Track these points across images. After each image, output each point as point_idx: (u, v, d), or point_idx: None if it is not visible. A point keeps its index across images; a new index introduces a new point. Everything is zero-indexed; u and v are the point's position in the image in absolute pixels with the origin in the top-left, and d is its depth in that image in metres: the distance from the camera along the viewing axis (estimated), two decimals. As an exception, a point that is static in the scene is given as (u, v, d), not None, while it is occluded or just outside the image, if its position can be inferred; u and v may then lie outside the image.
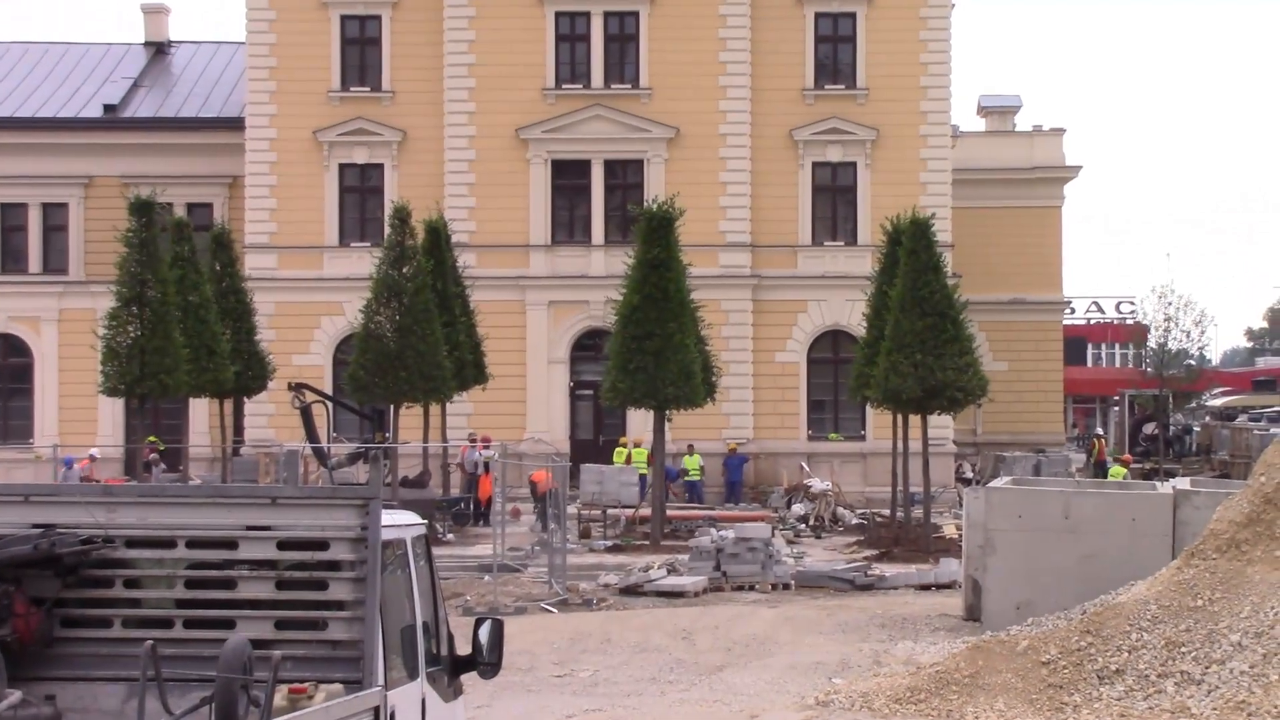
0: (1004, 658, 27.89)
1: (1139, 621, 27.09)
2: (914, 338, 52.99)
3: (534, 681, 29.85)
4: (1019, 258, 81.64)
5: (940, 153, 74.08)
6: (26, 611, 13.88)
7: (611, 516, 57.45)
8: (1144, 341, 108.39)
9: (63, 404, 74.17)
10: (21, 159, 77.72)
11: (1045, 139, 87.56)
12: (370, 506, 14.02)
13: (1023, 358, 79.93)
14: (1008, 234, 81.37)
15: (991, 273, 77.25)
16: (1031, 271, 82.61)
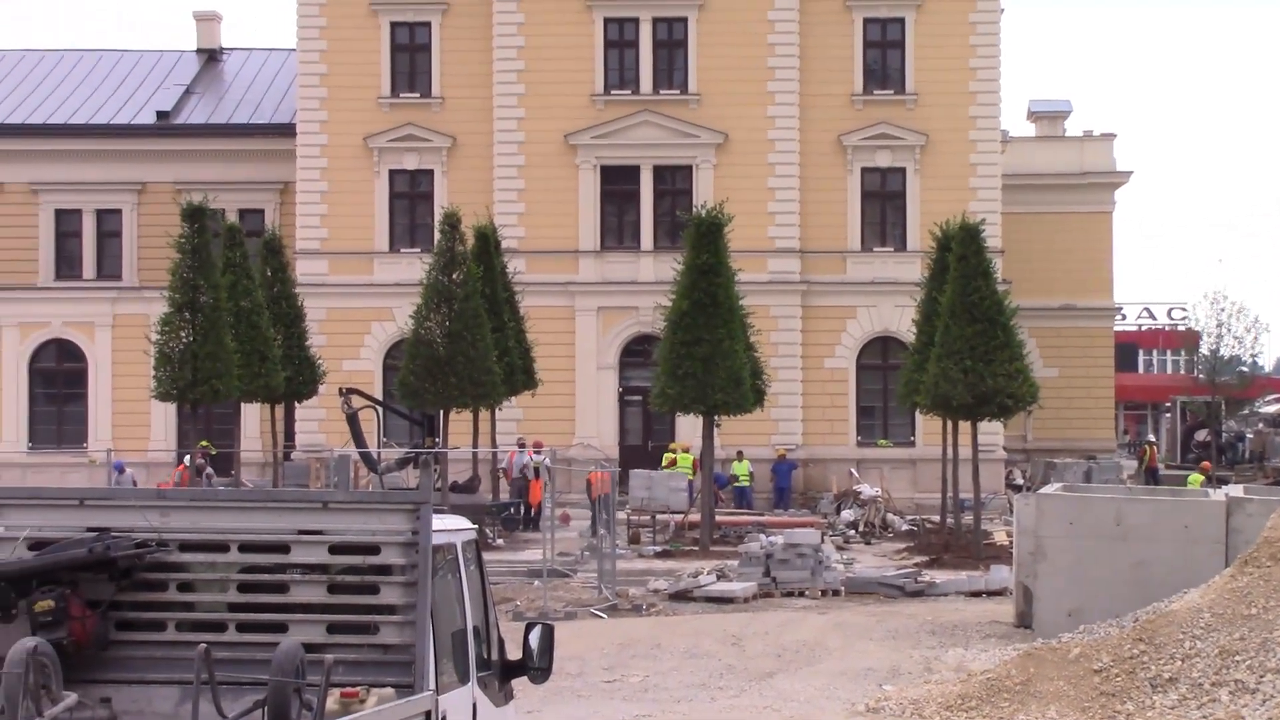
0: (1056, 665, 27.78)
1: (1192, 629, 26.96)
2: (964, 344, 52.89)
3: (584, 687, 29.81)
4: (1070, 263, 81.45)
5: (990, 158, 73.97)
6: (82, 614, 13.93)
7: (661, 522, 57.46)
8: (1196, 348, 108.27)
9: (116, 409, 74.36)
10: (76, 165, 78.12)
11: (1096, 144, 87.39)
12: (421, 511, 14.05)
13: (1073, 364, 79.74)
14: (1058, 239, 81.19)
15: (1042, 279, 77.07)
16: (1082, 277, 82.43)
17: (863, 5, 73.76)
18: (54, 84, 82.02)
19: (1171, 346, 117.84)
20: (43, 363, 76.14)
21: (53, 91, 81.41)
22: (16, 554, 14.25)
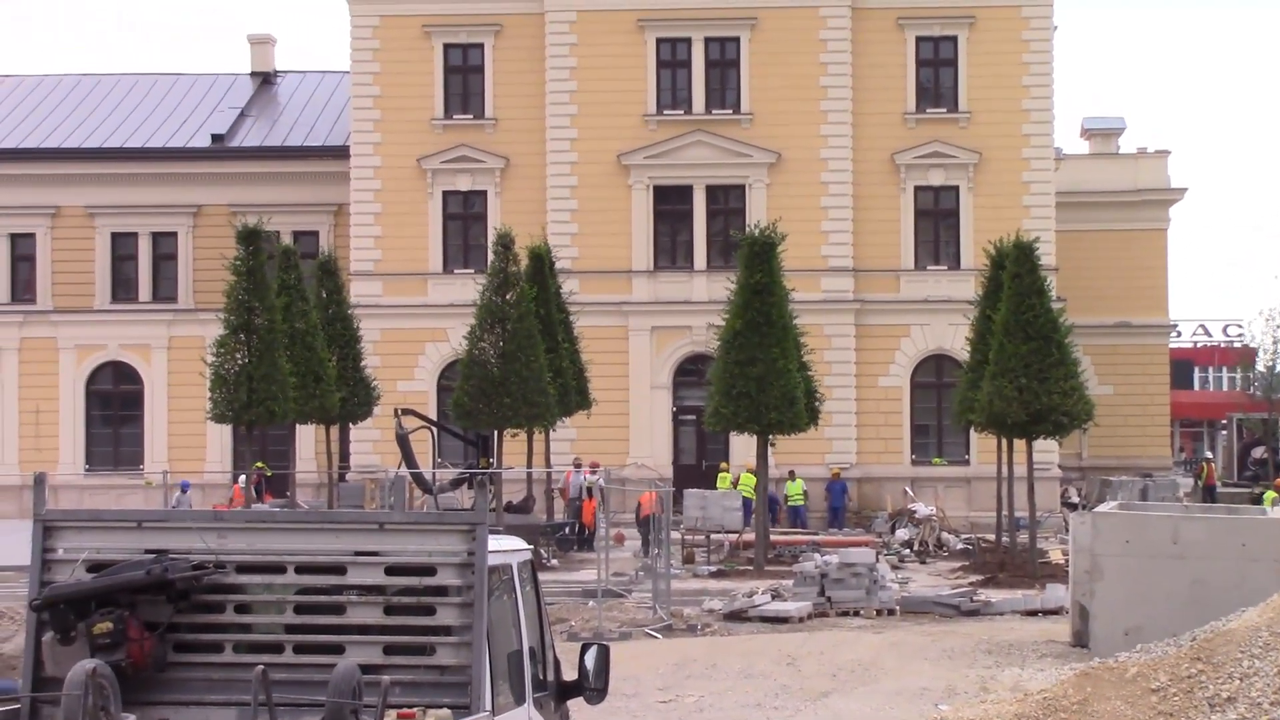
0: (1113, 685, 27.70)
1: (1251, 648, 26.88)
2: (1018, 361, 52.89)
3: (639, 708, 29.82)
4: (1124, 281, 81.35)
5: (1043, 175, 73.92)
6: (140, 637, 14.02)
7: (715, 541, 57.44)
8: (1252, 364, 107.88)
9: (172, 430, 74.68)
10: (131, 189, 78.45)
11: (1150, 161, 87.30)
12: (477, 532, 14.14)
13: (1129, 381, 79.58)
14: (1113, 257, 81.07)
15: (1096, 296, 76.99)
16: (1137, 294, 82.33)
17: (915, 23, 73.80)
18: (109, 108, 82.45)
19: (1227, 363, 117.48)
20: (100, 385, 76.55)
21: (108, 115, 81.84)
22: (75, 576, 14.36)
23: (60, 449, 74.80)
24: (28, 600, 14.61)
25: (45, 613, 14.28)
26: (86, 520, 15.11)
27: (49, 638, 14.28)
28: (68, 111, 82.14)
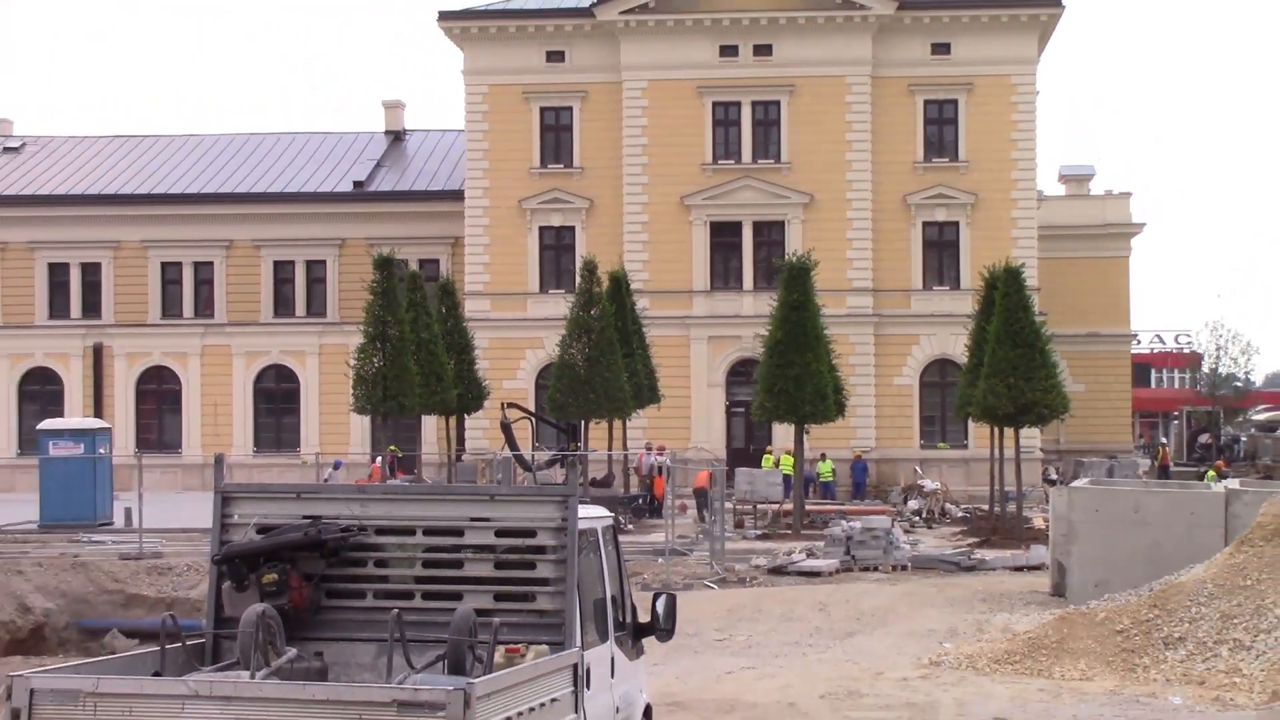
0: (1085, 627, 27.63)
1: (1198, 597, 26.79)
2: (1007, 364, 52.71)
3: (699, 645, 29.83)
4: (1094, 299, 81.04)
5: (1028, 213, 73.62)
6: (299, 585, 14.15)
7: (760, 510, 57.31)
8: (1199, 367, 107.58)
9: (322, 420, 74.87)
10: (289, 225, 78.74)
11: (1115, 201, 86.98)
12: (569, 502, 14.27)
13: (1097, 380, 79.21)
14: (1084, 279, 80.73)
15: (1071, 311, 76.58)
16: (1104, 310, 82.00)
17: (923, 89, 73.56)
18: (272, 160, 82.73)
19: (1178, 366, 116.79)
20: (264, 384, 76.77)
21: (271, 166, 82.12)
22: (247, 537, 14.52)
23: (234, 435, 75.07)
24: (210, 556, 14.76)
25: (224, 566, 14.44)
26: (256, 492, 15.27)
27: (227, 586, 14.42)
28: (239, 163, 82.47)
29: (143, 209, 79.32)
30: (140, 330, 77.78)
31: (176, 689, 11.87)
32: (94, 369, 76.80)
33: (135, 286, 79.44)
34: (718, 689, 24.91)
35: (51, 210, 79.75)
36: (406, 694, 11.46)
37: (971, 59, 73.59)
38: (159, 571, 40.29)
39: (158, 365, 77.00)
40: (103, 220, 79.49)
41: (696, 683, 25.44)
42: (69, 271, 79.86)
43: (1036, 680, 25.40)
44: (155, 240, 79.37)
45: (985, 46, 73.66)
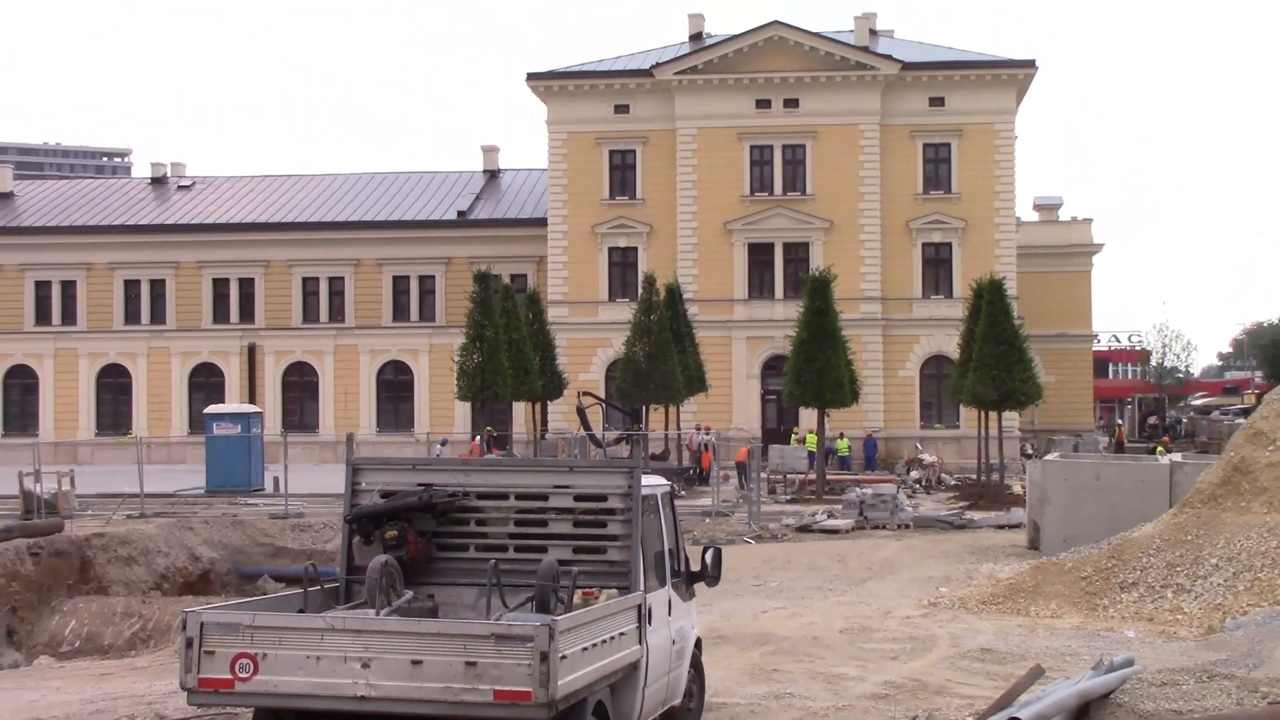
0: (1055, 574, 27.57)
1: (1147, 550, 26.70)
2: (992, 359, 52.69)
3: (739, 589, 29.88)
4: (1062, 306, 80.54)
5: (1008, 235, 73.32)
6: (415, 540, 14.27)
7: (789, 479, 57.26)
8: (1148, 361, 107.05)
9: (431, 406, 75.16)
10: (406, 247, 78.94)
11: (1079, 225, 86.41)
12: (634, 472, 14.35)
13: (1065, 373, 78.64)
14: (1054, 290, 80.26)
15: (1043, 315, 76.10)
16: (1070, 314, 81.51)
17: (922, 134, 73.29)
18: (391, 194, 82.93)
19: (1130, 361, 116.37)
20: (385, 376, 77.12)
21: (391, 198, 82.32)
22: (372, 500, 14.63)
23: (360, 417, 75.42)
24: (343, 516, 14.88)
25: (354, 524, 14.58)
26: (379, 464, 15.41)
27: (356, 540, 14.56)
28: (365, 196, 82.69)
29: (287, 234, 79.70)
30: (285, 333, 78.25)
31: (316, 623, 12.03)
32: (248, 364, 77.37)
33: (281, 297, 79.88)
34: (755, 625, 24.98)
35: (216, 236, 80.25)
36: (502, 628, 11.59)
37: (961, 110, 73.32)
38: (301, 528, 40.63)
39: (299, 361, 77.52)
40: (256, 244, 79.91)
41: (737, 620, 25.51)
42: (229, 285, 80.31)
43: (1016, 618, 25.38)
44: (297, 259, 79.74)
45: (973, 100, 73.37)
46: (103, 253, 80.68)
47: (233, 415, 57.16)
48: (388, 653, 11.51)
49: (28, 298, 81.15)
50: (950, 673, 19.94)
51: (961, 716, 13.78)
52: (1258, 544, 25.05)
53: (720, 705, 16.88)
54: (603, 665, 12.45)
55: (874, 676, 19.74)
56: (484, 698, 11.26)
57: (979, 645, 22.23)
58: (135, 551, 35.79)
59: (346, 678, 11.53)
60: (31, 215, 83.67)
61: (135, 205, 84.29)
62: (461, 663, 11.32)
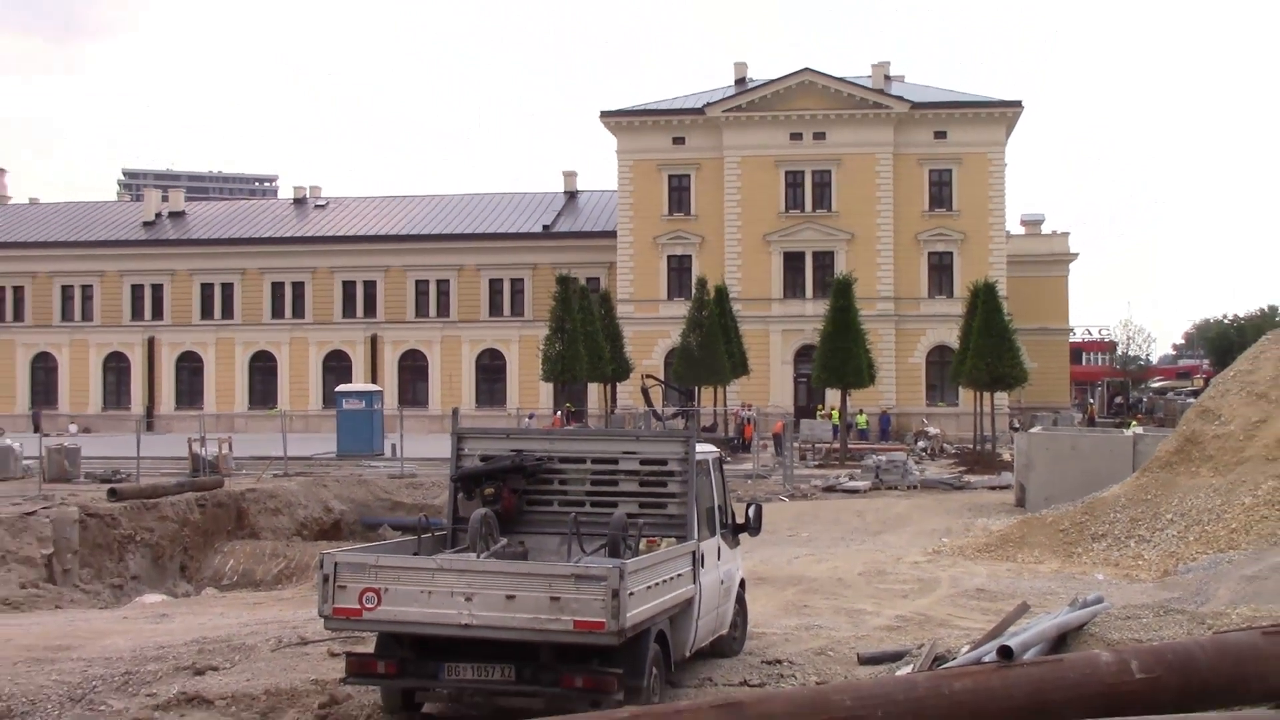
0: (1038, 527, 27.42)
1: (1114, 507, 26.52)
2: (986, 349, 52.61)
3: (775, 539, 29.85)
4: (1044, 304, 79.90)
5: (999, 246, 72.88)
6: (509, 496, 14.31)
7: (817, 448, 57.18)
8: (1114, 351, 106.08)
9: (520, 386, 75.46)
10: (500, 255, 79.24)
11: (1059, 238, 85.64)
12: (689, 441, 14.35)
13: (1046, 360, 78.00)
14: (1037, 291, 79.59)
15: (1029, 313, 75.45)
16: (1051, 312, 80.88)
17: (928, 161, 72.90)
18: (488, 211, 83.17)
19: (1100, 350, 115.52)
20: (482, 361, 77.56)
21: (488, 215, 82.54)
22: (473, 463, 14.68)
23: (462, 395, 75.83)
24: (449, 476, 14.97)
25: (458, 483, 14.64)
26: (479, 433, 15.44)
27: (460, 496, 14.63)
28: (466, 213, 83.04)
29: (403, 245, 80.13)
30: (401, 325, 78.73)
31: (428, 564, 12.12)
32: (371, 351, 77.92)
33: (397, 296, 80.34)
34: (788, 568, 24.97)
35: (345, 246, 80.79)
36: (581, 570, 11.65)
37: (961, 141, 72.86)
38: (413, 486, 40.87)
39: (412, 349, 78.04)
40: (377, 252, 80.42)
41: (774, 564, 25.50)
42: (356, 287, 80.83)
43: (1005, 563, 25.26)
44: (411, 265, 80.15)
45: (970, 133, 72.92)
46: (255, 260, 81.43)
47: (358, 393, 57.57)
48: (486, 589, 11.58)
49: (195, 297, 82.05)
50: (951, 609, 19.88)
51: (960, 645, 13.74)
52: (1205, 502, 24.86)
53: (760, 634, 16.90)
54: (663, 601, 12.47)
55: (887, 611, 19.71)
56: (565, 627, 11.33)
57: (975, 586, 22.15)
58: (280, 504, 36.18)
59: (452, 609, 11.61)
60: (199, 230, 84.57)
61: (281, 221, 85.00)
62: (547, 598, 11.38)
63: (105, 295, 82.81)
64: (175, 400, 79.42)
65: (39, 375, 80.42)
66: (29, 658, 15.99)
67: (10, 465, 41.96)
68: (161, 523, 32.46)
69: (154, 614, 22.36)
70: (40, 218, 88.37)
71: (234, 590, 30.01)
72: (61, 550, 29.50)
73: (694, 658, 14.19)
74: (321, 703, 13.02)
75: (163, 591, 29.84)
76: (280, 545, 33.67)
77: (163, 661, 15.35)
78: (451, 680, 11.97)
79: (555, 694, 11.52)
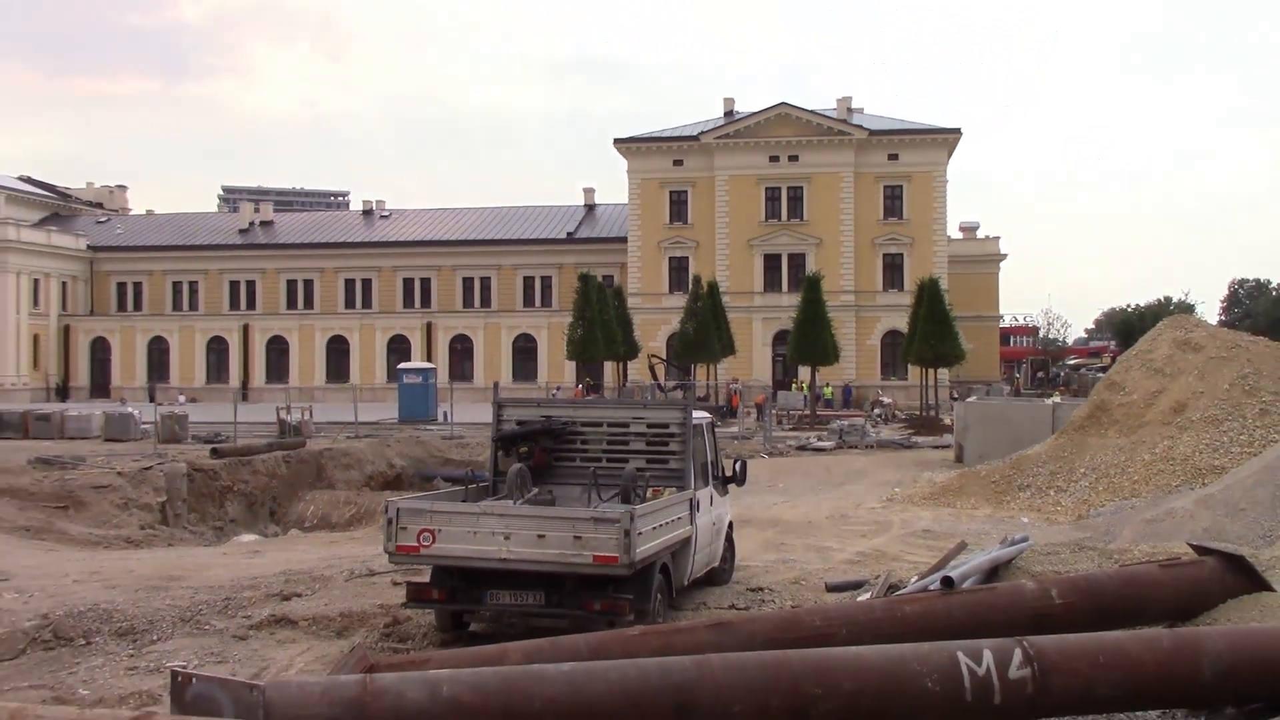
0: (974, 479, 27.34)
1: (1037, 463, 26.45)
2: (930, 333, 52.35)
3: (757, 489, 29.81)
4: (978, 295, 79.62)
5: (942, 248, 72.64)
6: (540, 454, 14.24)
7: (791, 414, 57.13)
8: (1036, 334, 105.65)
9: (549, 364, 75.31)
10: (532, 256, 79.26)
11: (991, 241, 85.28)
12: (686, 409, 14.24)
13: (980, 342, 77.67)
14: (973, 286, 79.36)
15: (967, 302, 75.14)
16: (984, 301, 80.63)
17: (884, 179, 72.67)
18: (522, 220, 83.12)
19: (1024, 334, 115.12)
20: (518, 344, 77.28)
21: (522, 223, 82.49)
22: (511, 427, 14.63)
23: (500, 372, 75.79)
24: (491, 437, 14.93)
25: (498, 443, 14.59)
26: (516, 403, 15.38)
27: (500, 454, 14.58)
28: (504, 222, 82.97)
29: (453, 248, 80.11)
30: (451, 314, 78.63)
31: (474, 509, 12.11)
32: (426, 336, 77.83)
33: (448, 290, 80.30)
34: (768, 513, 24.94)
35: (405, 250, 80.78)
36: (599, 514, 11.62)
37: (910, 162, 72.57)
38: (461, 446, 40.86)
39: (460, 334, 77.89)
40: (431, 254, 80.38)
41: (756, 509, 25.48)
42: (414, 283, 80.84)
43: (947, 509, 25.20)
44: (459, 265, 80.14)
45: (917, 155, 72.62)
46: (330, 261, 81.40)
47: (416, 370, 57.59)
48: (522, 530, 11.57)
49: (282, 291, 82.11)
50: (902, 546, 19.85)
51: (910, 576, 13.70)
52: (1112, 459, 24.78)
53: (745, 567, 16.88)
54: (666, 539, 12.45)
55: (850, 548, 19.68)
56: (586, 560, 11.32)
57: (921, 528, 22.12)
58: (352, 461, 36.18)
59: (494, 546, 11.61)
60: (285, 236, 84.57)
61: (352, 229, 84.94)
62: (571, 537, 11.37)
63: (208, 290, 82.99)
64: (265, 376, 79.45)
65: (154, 356, 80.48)
66: (147, 586, 16.03)
67: (131, 429, 42.14)
68: (254, 476, 32.51)
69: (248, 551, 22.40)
70: (155, 226, 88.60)
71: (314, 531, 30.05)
72: (173, 498, 29.56)
73: (691, 586, 14.15)
74: (386, 623, 13.03)
75: (255, 532, 29.91)
76: (352, 494, 33.67)
77: (256, 589, 15.36)
78: (493, 604, 11.97)
79: (578, 615, 11.50)
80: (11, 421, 43.02)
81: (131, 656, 11.82)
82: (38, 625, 12.82)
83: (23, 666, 11.56)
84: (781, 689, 7.08)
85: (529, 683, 6.91)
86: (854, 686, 7.17)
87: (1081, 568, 12.44)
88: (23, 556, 20.63)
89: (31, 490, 27.65)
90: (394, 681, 6.83)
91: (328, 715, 6.52)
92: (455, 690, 6.77)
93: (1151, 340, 28.39)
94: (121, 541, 25.29)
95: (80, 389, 79.13)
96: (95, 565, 19.06)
